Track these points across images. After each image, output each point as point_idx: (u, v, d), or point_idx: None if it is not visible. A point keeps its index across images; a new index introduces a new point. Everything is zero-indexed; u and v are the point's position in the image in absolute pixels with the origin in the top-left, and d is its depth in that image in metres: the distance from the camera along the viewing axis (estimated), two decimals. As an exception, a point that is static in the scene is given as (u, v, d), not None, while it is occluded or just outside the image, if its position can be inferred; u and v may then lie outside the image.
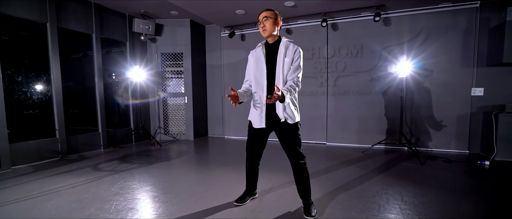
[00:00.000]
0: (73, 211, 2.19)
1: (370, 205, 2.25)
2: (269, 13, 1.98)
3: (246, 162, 2.29)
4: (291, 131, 2.01)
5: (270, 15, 1.97)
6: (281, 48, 1.98)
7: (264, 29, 1.97)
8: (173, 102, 5.79)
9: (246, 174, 2.34)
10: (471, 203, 2.30)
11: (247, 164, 2.28)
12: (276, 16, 2.00)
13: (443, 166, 3.43)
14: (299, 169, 2.05)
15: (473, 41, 4.11)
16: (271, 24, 1.96)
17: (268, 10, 1.99)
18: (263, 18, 1.97)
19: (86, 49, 4.57)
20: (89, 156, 4.20)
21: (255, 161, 2.26)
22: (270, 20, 1.96)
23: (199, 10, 4.60)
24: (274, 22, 1.98)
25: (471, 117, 4.20)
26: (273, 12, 2.00)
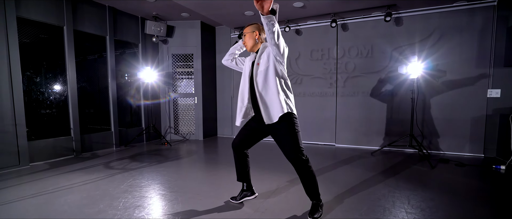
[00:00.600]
0: (83, 207, 2.28)
1: (375, 208, 2.22)
2: (246, 29, 2.13)
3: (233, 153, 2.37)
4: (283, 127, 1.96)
5: (247, 31, 2.12)
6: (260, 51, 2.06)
7: (245, 44, 2.16)
8: (183, 102, 5.90)
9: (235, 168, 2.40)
10: (481, 209, 2.22)
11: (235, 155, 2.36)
12: (253, 29, 2.11)
13: (455, 170, 3.32)
14: (302, 168, 1.98)
15: (490, 40, 3.96)
16: (248, 38, 2.11)
17: (247, 26, 2.14)
18: (243, 34, 2.14)
19: (100, 50, 4.73)
20: (102, 154, 4.35)
21: (239, 150, 2.30)
22: (247, 35, 2.11)
23: (209, 11, 4.66)
24: (250, 36, 2.10)
25: (487, 119, 4.04)
26: (250, 26, 2.12)
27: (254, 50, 2.14)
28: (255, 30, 2.11)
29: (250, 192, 2.44)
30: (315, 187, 2.05)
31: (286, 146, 1.97)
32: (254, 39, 2.10)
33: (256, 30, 2.11)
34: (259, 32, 2.11)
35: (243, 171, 2.36)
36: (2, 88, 3.34)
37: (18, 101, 3.47)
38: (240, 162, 2.34)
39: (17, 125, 3.47)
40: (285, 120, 1.95)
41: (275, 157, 4.03)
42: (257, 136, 2.22)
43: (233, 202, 2.37)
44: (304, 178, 2.02)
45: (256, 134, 2.20)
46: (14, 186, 2.83)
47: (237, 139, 2.29)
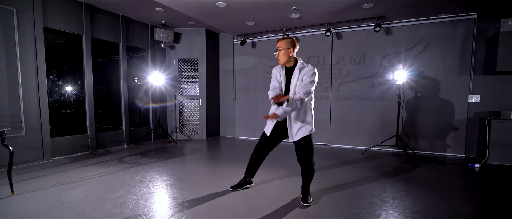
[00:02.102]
0: (106, 193, 2.68)
1: (355, 196, 2.59)
2: (281, 44, 2.27)
3: (253, 154, 2.67)
4: (305, 144, 2.30)
5: (281, 46, 2.27)
6: (296, 72, 2.27)
7: (278, 58, 2.32)
8: (189, 104, 6.31)
9: (249, 163, 2.74)
10: (446, 198, 2.58)
11: (254, 156, 2.66)
12: (288, 45, 2.26)
13: (434, 168, 3.68)
14: (308, 170, 2.38)
15: (471, 50, 4.31)
16: (283, 54, 2.27)
17: (280, 41, 2.29)
18: (277, 47, 2.30)
19: (110, 54, 5.15)
20: (114, 151, 4.76)
21: (261, 156, 2.64)
22: (282, 51, 2.27)
23: (214, 21, 5.07)
24: (285, 52, 2.26)
25: (468, 122, 4.39)
26: (284, 42, 2.27)
27: (287, 65, 2.32)
28: (290, 46, 2.26)
29: (249, 183, 2.83)
30: (310, 183, 2.47)
31: (302, 155, 2.35)
32: (288, 55, 2.26)
33: (291, 46, 2.26)
34: (293, 48, 2.27)
35: (255, 170, 2.75)
36: (30, 91, 3.77)
37: (43, 102, 3.90)
38: (257, 163, 2.69)
39: (42, 124, 3.89)
40: (306, 138, 2.32)
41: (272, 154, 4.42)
42: (275, 142, 2.53)
43: (233, 190, 2.76)
44: (307, 178, 2.43)
45: (278, 140, 2.51)
46: (44, 176, 3.24)
47: (262, 145, 2.55)
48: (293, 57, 2.33)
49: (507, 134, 3.81)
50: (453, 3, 3.91)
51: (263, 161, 2.72)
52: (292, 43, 2.29)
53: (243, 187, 2.81)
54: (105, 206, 2.36)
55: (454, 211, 2.31)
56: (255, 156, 2.67)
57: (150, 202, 2.46)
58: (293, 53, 2.30)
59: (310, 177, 2.42)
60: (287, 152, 4.55)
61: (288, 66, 2.35)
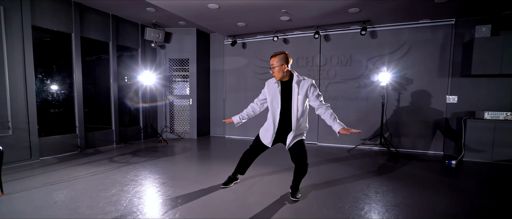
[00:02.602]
0: (99, 191, 2.72)
1: (340, 191, 2.74)
2: (274, 62, 2.34)
3: (245, 153, 2.78)
4: (299, 146, 2.45)
5: (274, 64, 2.34)
6: (294, 87, 2.35)
7: (274, 75, 2.40)
8: (179, 103, 6.33)
9: (240, 162, 2.84)
10: (423, 191, 2.78)
11: (246, 155, 2.78)
12: (281, 62, 2.32)
13: (414, 165, 3.90)
14: (302, 169, 2.50)
15: (449, 53, 4.58)
16: (277, 71, 2.34)
17: (273, 58, 2.35)
18: (271, 65, 2.37)
19: (98, 53, 5.11)
20: (104, 150, 4.75)
21: (253, 156, 2.76)
22: (276, 68, 2.34)
23: (205, 22, 5.14)
24: (280, 69, 2.33)
25: (446, 122, 4.66)
26: (277, 59, 2.33)
27: (283, 79, 2.40)
28: (283, 63, 2.32)
29: (236, 179, 2.97)
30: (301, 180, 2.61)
31: (297, 156, 2.48)
32: (283, 71, 2.33)
33: (284, 62, 2.32)
34: (287, 63, 2.34)
35: (245, 168, 2.87)
36: (18, 90, 3.71)
37: (31, 101, 3.86)
38: (248, 162, 2.81)
39: (30, 123, 3.85)
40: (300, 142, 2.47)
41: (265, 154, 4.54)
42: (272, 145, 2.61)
43: (224, 187, 2.85)
44: (300, 175, 2.54)
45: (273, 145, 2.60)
46: (33, 176, 3.22)
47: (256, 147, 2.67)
48: (288, 71, 2.40)
49: (480, 133, 4.09)
50: (433, 10, 4.15)
51: (253, 161, 2.83)
52: (285, 58, 2.35)
53: (233, 182, 2.91)
54: (99, 204, 2.40)
55: (430, 204, 2.50)
56: (247, 156, 2.78)
57: (144, 200, 2.52)
58: (287, 68, 2.36)
59: (303, 175, 2.54)
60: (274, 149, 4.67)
61: (284, 81, 2.43)
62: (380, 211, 2.32)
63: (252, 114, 2.77)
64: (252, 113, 2.77)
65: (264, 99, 2.67)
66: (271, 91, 2.51)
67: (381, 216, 2.22)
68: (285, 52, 2.41)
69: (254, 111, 2.77)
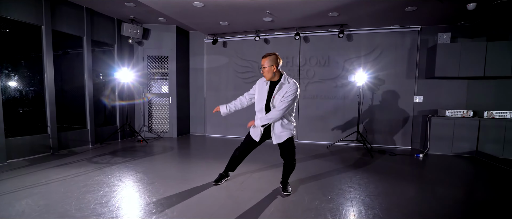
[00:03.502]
0: (85, 193, 2.60)
1: (327, 185, 2.93)
2: (264, 62, 2.45)
3: (236, 151, 2.84)
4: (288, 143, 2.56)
5: (265, 65, 2.45)
6: (278, 86, 2.47)
7: (264, 75, 2.52)
8: (158, 102, 6.17)
9: (231, 159, 2.89)
10: (400, 182, 3.08)
11: (237, 153, 2.83)
12: (271, 63, 2.44)
13: (388, 158, 4.27)
14: (290, 164, 2.63)
15: (416, 57, 5.05)
16: (267, 71, 2.47)
17: (264, 58, 2.46)
18: (262, 65, 2.48)
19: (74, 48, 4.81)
20: (79, 151, 4.49)
21: (244, 154, 2.82)
22: (266, 69, 2.45)
23: (188, 20, 5.07)
24: (269, 69, 2.45)
25: (413, 119, 5.14)
26: (267, 60, 2.44)
27: (272, 79, 2.52)
28: (273, 64, 2.43)
29: (227, 176, 3.04)
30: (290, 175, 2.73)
31: (286, 153, 2.59)
32: (272, 72, 2.45)
33: (274, 64, 2.44)
34: (276, 64, 2.45)
35: (236, 165, 2.92)
36: (-18, 86, 3.38)
37: (-3, 98, 3.53)
38: (239, 160, 2.87)
39: (-4, 123, 3.52)
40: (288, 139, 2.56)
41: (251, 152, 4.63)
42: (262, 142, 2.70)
43: (216, 184, 2.89)
44: (288, 170, 2.66)
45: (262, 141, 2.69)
46: (3, 180, 2.97)
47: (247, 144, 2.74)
48: (278, 72, 2.51)
49: (442, 129, 4.58)
50: (403, 16, 4.55)
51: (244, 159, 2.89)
52: (275, 60, 2.47)
53: (223, 179, 2.97)
54: (89, 206, 2.32)
55: (406, 192, 2.79)
56: (238, 153, 2.84)
57: (137, 200, 2.47)
58: (276, 69, 2.48)
59: (291, 170, 2.67)
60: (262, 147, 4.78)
61: (273, 81, 2.55)
62: (365, 200, 2.54)
63: (239, 106, 2.85)
64: (239, 106, 2.85)
65: (254, 95, 2.77)
66: (260, 89, 2.63)
67: (367, 205, 2.43)
68: (276, 53, 2.51)
69: (242, 104, 2.85)
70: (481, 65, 4.43)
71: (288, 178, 2.73)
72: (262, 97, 2.60)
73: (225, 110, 2.83)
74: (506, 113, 4.37)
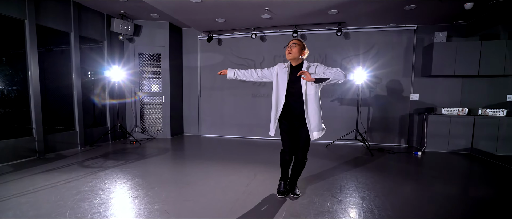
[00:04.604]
0: (79, 201, 2.40)
1: (333, 185, 2.87)
2: (298, 41, 2.35)
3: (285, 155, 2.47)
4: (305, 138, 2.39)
5: (298, 42, 2.34)
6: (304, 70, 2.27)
7: (290, 52, 2.31)
8: (150, 101, 5.93)
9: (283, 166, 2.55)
10: (405, 181, 3.06)
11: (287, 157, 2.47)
12: (303, 45, 2.36)
13: (388, 157, 4.27)
14: (301, 164, 2.47)
15: (412, 56, 5.09)
16: (298, 50, 2.31)
17: (296, 39, 2.38)
18: (292, 43, 2.33)
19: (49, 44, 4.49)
20: (68, 154, 4.22)
21: (291, 155, 2.47)
22: (297, 46, 2.31)
23: (183, 16, 4.88)
24: (300, 49, 2.32)
25: (410, 117, 5.19)
26: (301, 42, 2.36)
27: (294, 62, 2.36)
28: (304, 48, 2.35)
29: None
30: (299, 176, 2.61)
31: (300, 151, 2.43)
32: (300, 52, 2.31)
33: (305, 48, 2.35)
34: (305, 51, 2.36)
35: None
36: (-41, 85, 3.08)
37: (-23, 99, 3.24)
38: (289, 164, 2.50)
39: (-25, 125, 3.23)
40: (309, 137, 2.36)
41: (248, 151, 4.51)
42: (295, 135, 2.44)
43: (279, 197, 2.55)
44: (299, 170, 2.53)
45: (294, 133, 2.43)
46: (-14, 188, 2.72)
47: (287, 146, 2.42)
48: (301, 58, 2.38)
49: (439, 126, 4.64)
50: (400, 15, 4.56)
51: None
52: (304, 47, 2.38)
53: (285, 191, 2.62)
54: (86, 215, 2.13)
55: (413, 191, 2.76)
56: (288, 157, 2.48)
57: (138, 207, 2.31)
58: (304, 55, 2.38)
59: (301, 170, 2.56)
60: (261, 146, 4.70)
61: (294, 65, 2.40)
62: (375, 200, 2.49)
63: (248, 77, 2.59)
64: (248, 77, 2.59)
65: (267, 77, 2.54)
66: (280, 74, 2.42)
67: (378, 205, 2.38)
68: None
69: (251, 76, 2.59)
70: (476, 64, 4.51)
71: (297, 179, 2.63)
72: (282, 86, 2.38)
73: (232, 75, 2.58)
74: (499, 110, 4.47)
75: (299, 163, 2.51)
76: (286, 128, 2.44)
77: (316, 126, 2.36)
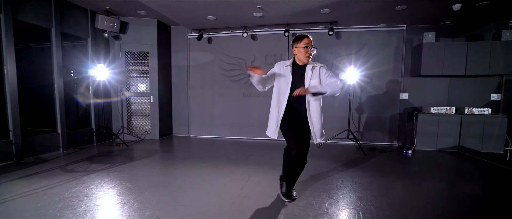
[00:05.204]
0: (63, 209, 2.23)
1: (330, 186, 2.83)
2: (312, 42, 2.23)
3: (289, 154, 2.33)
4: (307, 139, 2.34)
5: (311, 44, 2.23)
6: (308, 71, 2.26)
7: (306, 55, 2.23)
8: (138, 101, 5.71)
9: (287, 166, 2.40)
10: (397, 179, 3.07)
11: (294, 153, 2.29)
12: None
13: (380, 155, 4.30)
14: (301, 164, 2.43)
15: (401, 56, 5.16)
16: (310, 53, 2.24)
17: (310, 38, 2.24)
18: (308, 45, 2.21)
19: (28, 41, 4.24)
20: (49, 158, 3.97)
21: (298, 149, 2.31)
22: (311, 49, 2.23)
23: (172, 13, 4.71)
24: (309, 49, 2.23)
25: (400, 116, 5.26)
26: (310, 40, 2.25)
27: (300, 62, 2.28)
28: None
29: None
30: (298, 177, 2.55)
31: (306, 148, 2.37)
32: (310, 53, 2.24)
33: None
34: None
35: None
36: None
37: None
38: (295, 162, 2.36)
39: None
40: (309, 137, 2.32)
41: (240, 152, 4.41)
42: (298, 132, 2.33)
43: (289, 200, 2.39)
44: (299, 171, 2.47)
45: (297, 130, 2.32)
46: (-43, 196, 2.48)
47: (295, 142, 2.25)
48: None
49: (428, 125, 4.72)
50: (391, 15, 4.60)
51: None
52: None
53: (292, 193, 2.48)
54: (71, 224, 1.98)
55: (409, 190, 2.77)
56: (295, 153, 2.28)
57: (128, 214, 2.17)
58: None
59: (301, 171, 2.50)
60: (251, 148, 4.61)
61: (300, 64, 2.31)
62: (373, 200, 2.46)
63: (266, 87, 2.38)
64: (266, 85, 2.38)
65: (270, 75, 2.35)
66: (282, 73, 2.32)
67: (376, 205, 2.35)
68: None
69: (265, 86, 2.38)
70: (463, 64, 4.62)
71: (296, 180, 2.56)
72: (285, 85, 2.26)
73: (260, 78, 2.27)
74: (484, 109, 4.60)
75: (301, 163, 2.44)
76: (288, 124, 2.33)
77: (319, 129, 2.33)
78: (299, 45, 2.25)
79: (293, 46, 2.30)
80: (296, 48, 2.28)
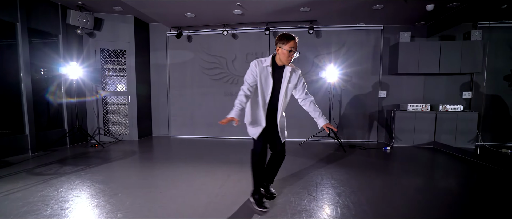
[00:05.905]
0: (26, 214, 2.08)
1: (309, 183, 2.83)
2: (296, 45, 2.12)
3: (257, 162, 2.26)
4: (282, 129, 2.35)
5: (296, 47, 2.12)
6: (286, 73, 2.18)
7: (289, 58, 2.12)
8: (115, 101, 5.49)
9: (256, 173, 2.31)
10: (375, 174, 3.13)
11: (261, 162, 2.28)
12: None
13: (360, 152, 4.38)
14: (281, 157, 2.41)
15: (379, 55, 5.29)
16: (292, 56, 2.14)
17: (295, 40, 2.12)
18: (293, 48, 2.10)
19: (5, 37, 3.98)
20: (15, 161, 3.72)
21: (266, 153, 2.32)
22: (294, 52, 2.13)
23: (150, 9, 4.57)
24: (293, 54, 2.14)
25: (378, 114, 5.39)
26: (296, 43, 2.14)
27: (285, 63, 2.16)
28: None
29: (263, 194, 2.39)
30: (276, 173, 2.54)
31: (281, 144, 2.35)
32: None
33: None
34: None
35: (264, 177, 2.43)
36: None
37: None
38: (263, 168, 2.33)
39: None
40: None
41: (221, 152, 4.34)
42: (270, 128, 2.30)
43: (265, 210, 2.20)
44: (278, 165, 2.45)
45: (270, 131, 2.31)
46: None
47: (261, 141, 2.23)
48: None
49: (405, 122, 4.87)
50: (369, 14, 4.70)
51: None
52: None
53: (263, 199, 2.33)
54: (33, 230, 1.84)
55: (386, 184, 2.82)
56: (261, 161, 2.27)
57: (101, 216, 2.05)
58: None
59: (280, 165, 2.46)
60: (230, 145, 4.55)
61: (279, 65, 2.21)
62: (351, 196, 2.48)
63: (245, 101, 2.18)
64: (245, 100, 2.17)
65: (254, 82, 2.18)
66: (263, 74, 2.17)
67: (356, 200, 2.37)
68: None
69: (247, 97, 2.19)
70: (437, 63, 4.80)
71: (275, 176, 2.53)
72: (267, 87, 2.19)
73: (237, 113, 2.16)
74: (457, 106, 4.80)
75: (279, 157, 2.39)
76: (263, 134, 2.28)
77: (284, 125, 2.41)
78: (284, 47, 2.10)
79: (278, 45, 2.16)
80: (280, 48, 2.14)
